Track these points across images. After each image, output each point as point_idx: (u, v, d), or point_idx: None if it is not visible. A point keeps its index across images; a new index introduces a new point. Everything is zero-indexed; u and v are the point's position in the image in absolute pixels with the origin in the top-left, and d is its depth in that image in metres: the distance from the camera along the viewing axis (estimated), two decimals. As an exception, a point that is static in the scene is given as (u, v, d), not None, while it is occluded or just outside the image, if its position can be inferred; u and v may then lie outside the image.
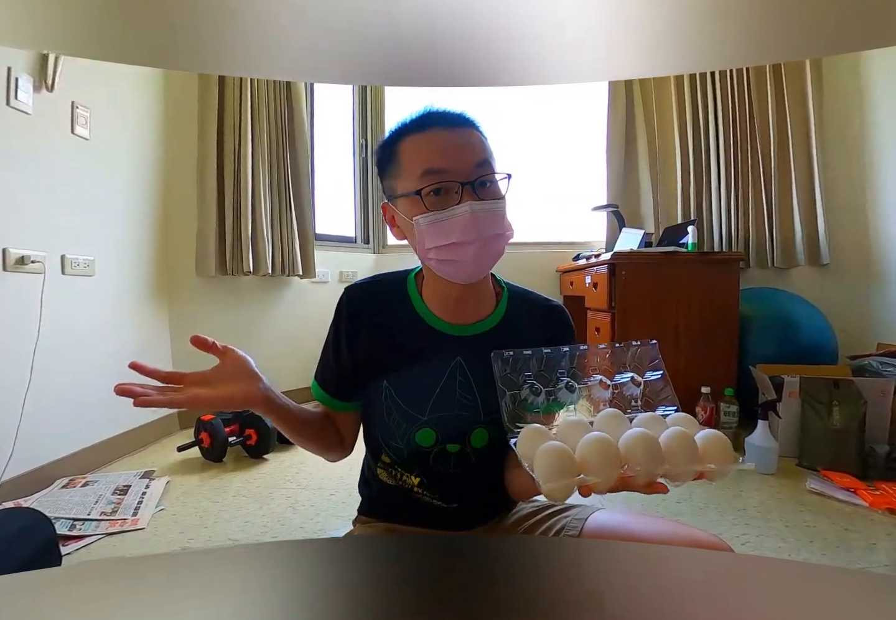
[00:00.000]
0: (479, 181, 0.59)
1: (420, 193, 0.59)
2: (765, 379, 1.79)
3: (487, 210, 0.59)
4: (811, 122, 2.53)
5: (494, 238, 0.60)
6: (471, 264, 0.61)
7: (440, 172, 0.59)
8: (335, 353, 0.72)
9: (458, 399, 0.68)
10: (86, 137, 1.75)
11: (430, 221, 0.59)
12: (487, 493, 0.77)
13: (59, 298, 1.59)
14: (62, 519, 1.27)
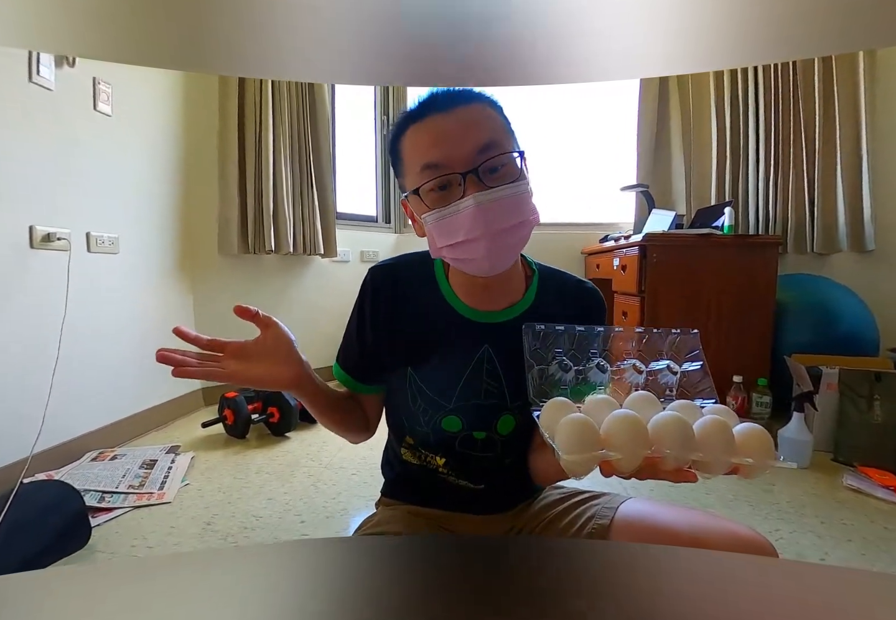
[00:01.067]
0: (483, 168, 0.53)
1: (418, 193, 0.55)
2: (801, 370, 1.71)
3: (497, 199, 0.53)
4: (861, 100, 2.36)
5: (509, 229, 0.54)
6: (484, 261, 0.56)
7: (437, 167, 0.53)
8: (359, 335, 0.70)
9: (484, 387, 0.65)
10: (108, 114, 1.73)
11: (435, 219, 0.55)
12: (514, 477, 0.75)
13: (84, 275, 1.60)
14: (91, 491, 1.30)
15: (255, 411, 1.86)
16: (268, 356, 0.58)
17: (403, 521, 0.72)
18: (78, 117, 1.61)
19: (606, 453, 0.38)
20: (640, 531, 0.67)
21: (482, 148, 0.53)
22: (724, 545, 0.61)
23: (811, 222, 2.44)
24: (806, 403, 1.63)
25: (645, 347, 0.57)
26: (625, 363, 0.56)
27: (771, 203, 2.49)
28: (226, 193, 2.18)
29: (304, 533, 1.17)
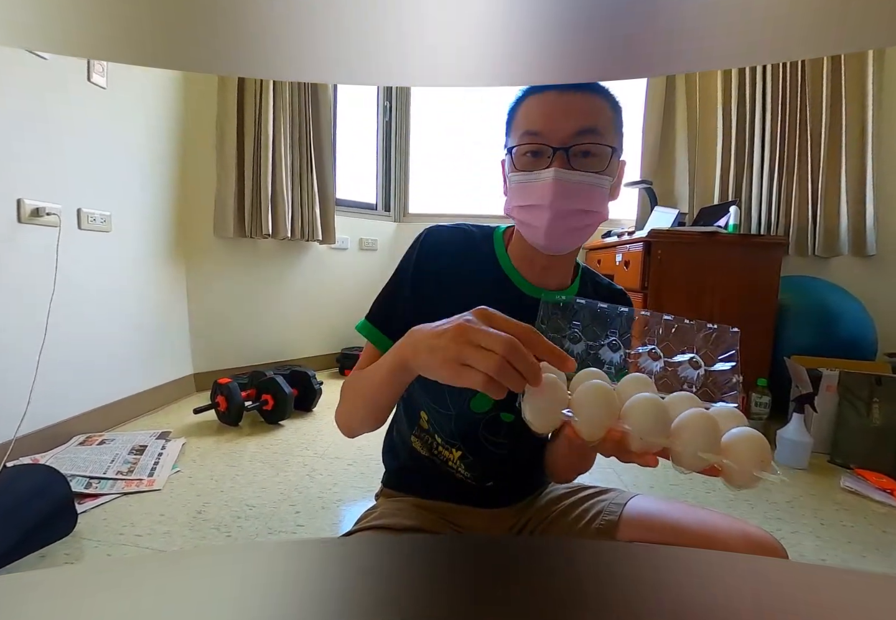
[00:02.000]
0: (574, 150, 0.56)
1: (511, 152, 0.59)
2: (801, 371, 1.71)
3: (573, 181, 0.56)
4: (869, 104, 2.35)
5: (573, 212, 0.57)
6: (543, 231, 0.58)
7: (535, 135, 0.57)
8: (398, 290, 0.66)
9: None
10: (102, 86, 1.67)
11: (518, 180, 0.59)
12: (525, 471, 0.73)
13: (74, 253, 1.54)
14: (78, 477, 1.26)
15: (249, 398, 1.82)
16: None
17: (408, 514, 0.69)
18: (71, 89, 1.55)
19: (568, 414, 0.38)
20: (649, 528, 0.66)
21: (581, 131, 0.56)
22: (734, 543, 0.60)
23: (813, 225, 2.44)
24: (806, 404, 1.63)
25: (673, 337, 0.54)
26: (642, 349, 0.53)
27: (774, 205, 2.49)
28: (223, 173, 2.12)
29: (299, 524, 1.14)
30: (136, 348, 1.83)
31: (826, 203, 2.42)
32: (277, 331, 2.44)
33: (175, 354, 2.08)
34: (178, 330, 2.10)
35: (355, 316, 0.70)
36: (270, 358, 2.40)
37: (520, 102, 0.62)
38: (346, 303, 2.65)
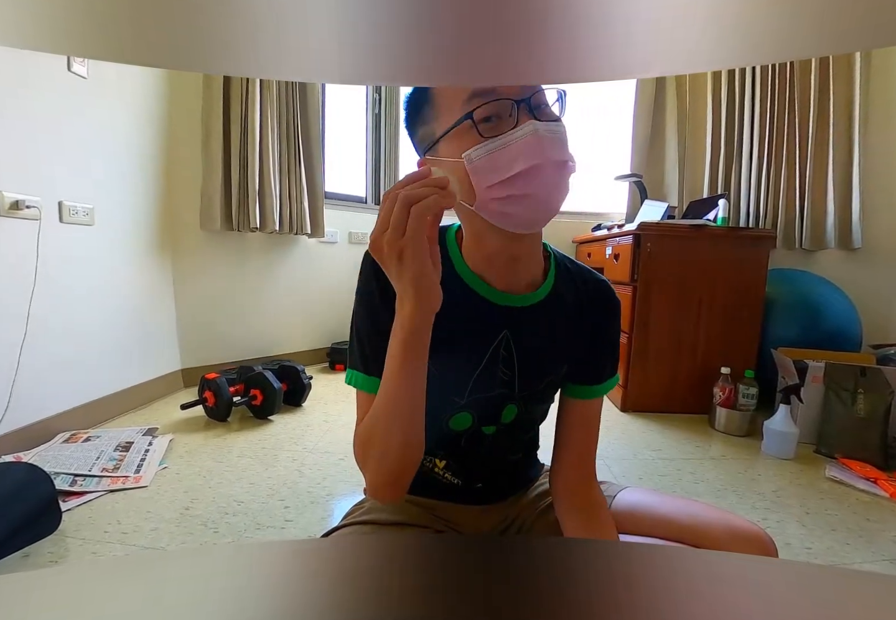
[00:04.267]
0: (534, 100, 0.49)
1: (472, 117, 0.49)
2: (788, 363, 1.73)
3: (554, 131, 0.49)
4: (856, 100, 2.37)
5: (563, 165, 0.50)
6: (543, 196, 0.50)
7: (489, 92, 0.49)
8: (374, 325, 0.57)
9: (499, 376, 0.61)
10: (83, 76, 1.62)
11: (488, 150, 0.48)
12: (513, 471, 0.73)
13: (56, 247, 1.51)
14: (63, 474, 1.24)
15: (237, 393, 1.80)
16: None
17: (395, 509, 0.69)
18: (51, 79, 1.50)
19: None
20: (638, 521, 0.66)
21: (531, 84, 0.49)
22: (722, 536, 0.60)
23: (800, 219, 2.46)
24: (792, 395, 1.65)
25: None
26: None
27: (762, 199, 2.50)
28: (209, 165, 2.08)
29: (288, 519, 1.14)
30: (122, 343, 1.80)
31: (813, 197, 2.44)
32: (266, 326, 2.42)
33: (162, 349, 2.05)
34: (165, 325, 2.06)
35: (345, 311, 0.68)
36: (259, 353, 2.38)
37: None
38: (336, 297, 2.62)
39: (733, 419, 1.77)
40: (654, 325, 1.92)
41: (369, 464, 0.54)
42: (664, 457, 1.55)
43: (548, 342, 0.62)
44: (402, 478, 0.54)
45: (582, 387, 0.65)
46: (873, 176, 2.41)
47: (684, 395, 1.96)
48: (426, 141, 0.55)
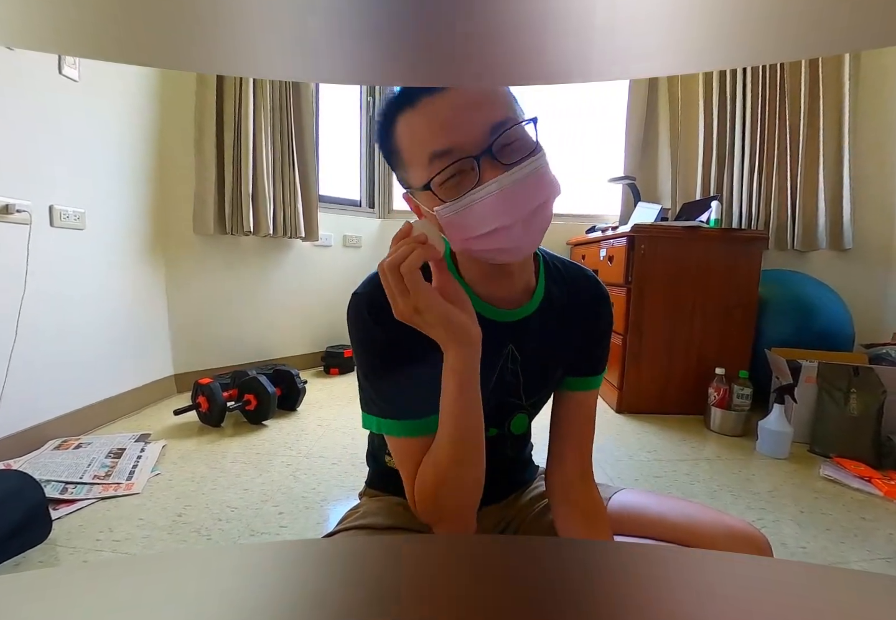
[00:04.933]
0: (497, 145, 0.46)
1: (430, 187, 0.48)
2: (781, 363, 1.74)
3: (520, 179, 0.46)
4: (845, 102, 2.40)
5: (539, 209, 0.48)
6: (519, 248, 0.50)
7: (446, 154, 0.46)
8: (390, 368, 0.55)
9: (508, 387, 0.62)
10: (74, 79, 1.61)
11: (452, 212, 0.48)
12: (508, 471, 0.73)
13: (46, 251, 1.49)
14: (53, 482, 1.22)
15: (231, 398, 1.79)
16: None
17: (390, 513, 0.68)
18: (41, 81, 1.49)
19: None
20: (634, 522, 0.66)
21: (496, 125, 0.46)
22: (718, 537, 0.60)
23: (792, 220, 2.48)
24: (786, 395, 1.65)
25: None
26: None
27: (754, 200, 2.52)
28: (202, 169, 2.08)
29: (282, 525, 1.12)
30: (114, 349, 1.78)
31: (804, 199, 2.46)
32: (260, 330, 2.41)
33: (154, 354, 2.03)
34: (158, 330, 2.05)
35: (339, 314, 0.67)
36: (253, 358, 2.36)
37: (390, 126, 0.50)
38: (330, 301, 2.61)
39: (728, 419, 1.77)
40: (648, 326, 1.93)
41: (449, 508, 0.54)
42: (659, 458, 1.55)
43: (547, 347, 0.63)
44: (476, 510, 0.56)
45: (578, 379, 0.66)
46: (863, 177, 2.44)
47: (679, 396, 1.96)
48: (404, 183, 0.55)
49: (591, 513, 0.62)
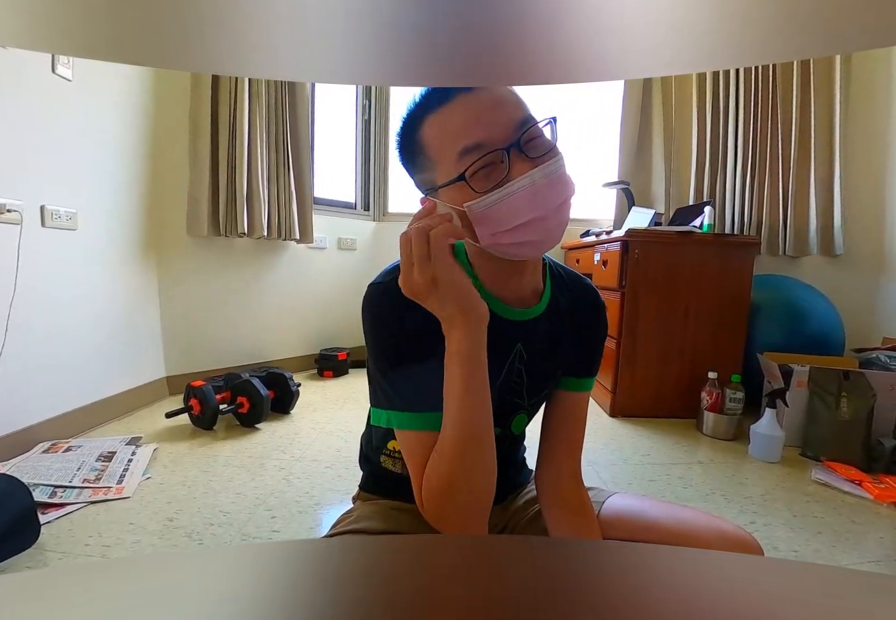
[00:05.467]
0: (524, 139, 0.49)
1: (465, 178, 0.49)
2: (773, 367, 1.75)
3: (550, 174, 0.49)
4: (836, 109, 2.44)
5: (563, 204, 0.51)
6: (542, 241, 0.52)
7: (479, 147, 0.49)
8: (405, 359, 0.55)
9: (512, 386, 0.63)
10: (68, 78, 1.60)
11: (487, 204, 0.49)
12: (503, 473, 0.73)
13: (37, 252, 1.48)
14: (42, 486, 1.20)
15: (224, 401, 1.78)
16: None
17: (384, 517, 0.68)
18: (35, 81, 1.48)
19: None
20: (627, 526, 0.66)
21: (521, 122, 0.50)
22: (712, 541, 0.60)
23: (784, 226, 2.51)
24: (778, 399, 1.67)
25: None
26: None
27: (746, 206, 2.55)
28: (196, 170, 2.07)
29: (275, 529, 1.11)
30: (105, 350, 1.76)
31: (796, 205, 2.49)
32: (253, 332, 2.39)
33: (146, 356, 2.02)
34: (150, 332, 2.03)
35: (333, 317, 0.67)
36: (246, 360, 2.35)
37: (417, 128, 0.52)
38: (325, 303, 2.61)
39: (720, 423, 1.78)
40: (641, 330, 1.94)
41: (459, 513, 0.52)
42: (653, 462, 1.56)
43: (550, 350, 0.64)
44: (489, 510, 0.53)
45: (572, 380, 0.67)
46: (854, 184, 2.47)
47: (672, 400, 1.97)
48: (427, 185, 0.56)
49: (580, 513, 0.63)
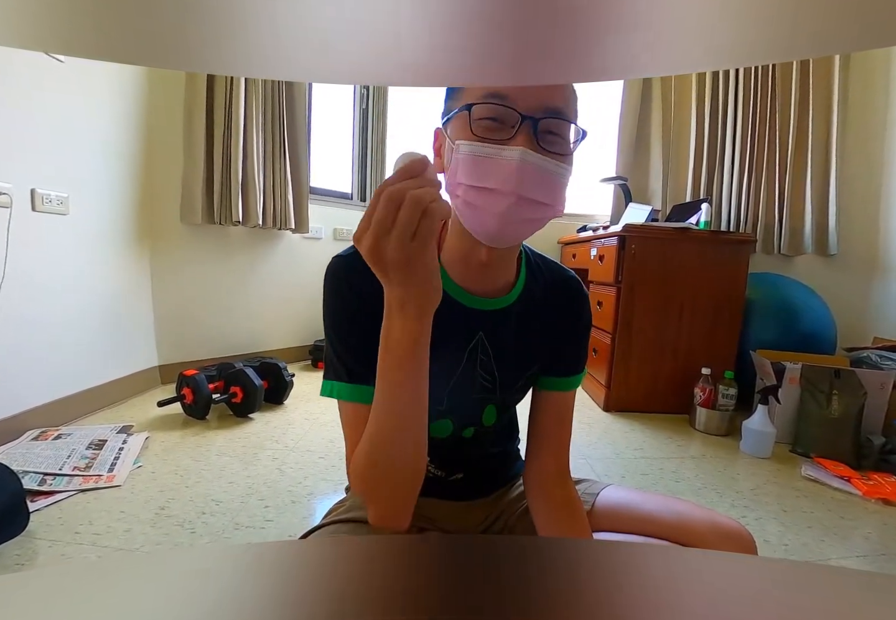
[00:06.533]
0: (543, 124, 0.47)
1: (470, 109, 0.48)
2: (766, 364, 1.76)
3: (542, 167, 0.47)
4: (834, 110, 2.44)
5: (534, 203, 0.48)
6: (495, 220, 0.48)
7: (502, 97, 0.47)
8: (356, 332, 0.54)
9: (478, 380, 0.61)
10: (60, 60, 1.56)
11: (472, 151, 0.47)
12: (493, 465, 0.73)
13: (27, 237, 1.45)
14: (31, 473, 1.19)
15: (217, 390, 1.76)
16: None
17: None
18: (26, 62, 1.44)
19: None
20: (620, 519, 0.66)
21: (554, 109, 0.48)
22: (707, 533, 0.61)
23: (780, 225, 2.52)
24: (770, 396, 1.68)
25: None
26: None
27: (743, 205, 2.56)
28: (191, 156, 2.03)
29: (268, 519, 1.11)
30: (97, 338, 1.74)
31: (792, 204, 2.50)
32: (247, 322, 2.37)
33: (139, 344, 1.99)
34: (143, 320, 2.01)
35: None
36: (240, 350, 2.33)
37: None
38: (319, 294, 2.57)
39: (713, 418, 1.80)
40: (637, 326, 1.94)
41: (379, 491, 0.51)
42: (646, 456, 1.57)
43: (522, 343, 0.63)
44: (413, 501, 0.51)
45: (555, 379, 0.66)
46: (849, 185, 2.48)
47: (666, 395, 1.98)
48: (446, 112, 0.54)
49: (568, 511, 0.62)
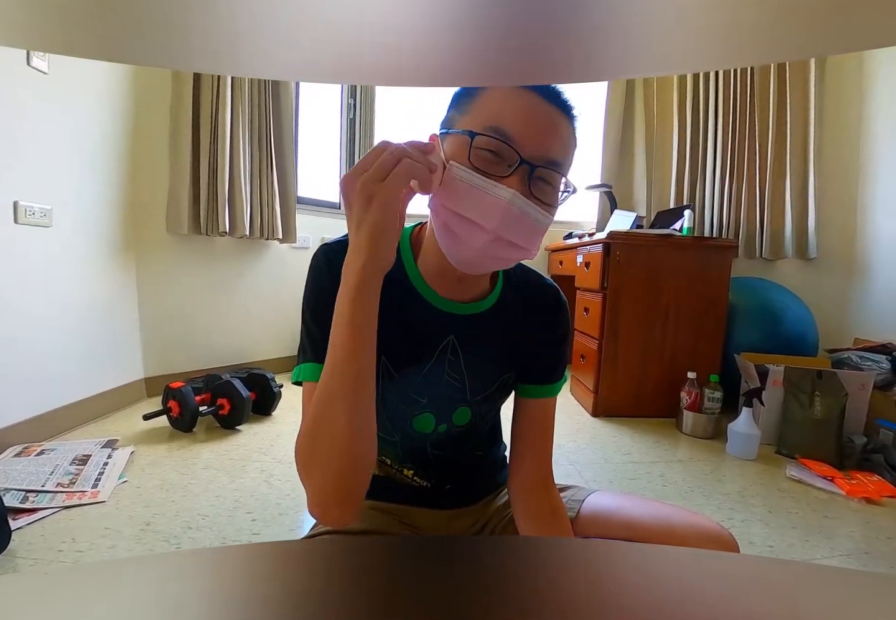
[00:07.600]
0: (539, 171, 0.49)
1: (472, 137, 0.49)
2: (750, 367, 1.79)
3: (527, 213, 0.49)
4: (811, 116, 2.51)
5: (509, 245, 0.50)
6: (469, 252, 0.50)
7: (507, 137, 0.48)
8: (327, 314, 0.52)
9: (446, 379, 0.62)
10: (44, 71, 1.56)
11: (464, 178, 0.48)
12: (473, 472, 0.74)
13: (10, 249, 1.44)
14: (13, 491, 1.17)
15: (204, 402, 1.75)
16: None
17: (364, 517, 0.68)
18: (8, 73, 1.44)
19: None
20: (606, 524, 0.67)
21: (554, 161, 0.50)
22: (687, 536, 0.61)
23: (761, 230, 2.58)
24: (754, 398, 1.71)
25: None
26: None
27: (725, 210, 2.61)
28: (177, 167, 2.03)
29: (255, 532, 1.10)
30: (81, 351, 1.72)
31: (772, 209, 2.56)
32: (234, 333, 2.36)
33: (124, 357, 1.97)
34: (128, 332, 1.99)
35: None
36: (227, 361, 2.31)
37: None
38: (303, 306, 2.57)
39: (699, 422, 1.82)
40: (623, 331, 1.97)
41: (314, 470, 0.47)
42: (634, 460, 1.58)
43: (496, 349, 0.64)
44: (354, 490, 0.48)
45: (534, 387, 0.67)
46: (827, 190, 2.55)
47: (653, 399, 2.00)
48: (447, 123, 0.54)
49: (551, 519, 0.63)
